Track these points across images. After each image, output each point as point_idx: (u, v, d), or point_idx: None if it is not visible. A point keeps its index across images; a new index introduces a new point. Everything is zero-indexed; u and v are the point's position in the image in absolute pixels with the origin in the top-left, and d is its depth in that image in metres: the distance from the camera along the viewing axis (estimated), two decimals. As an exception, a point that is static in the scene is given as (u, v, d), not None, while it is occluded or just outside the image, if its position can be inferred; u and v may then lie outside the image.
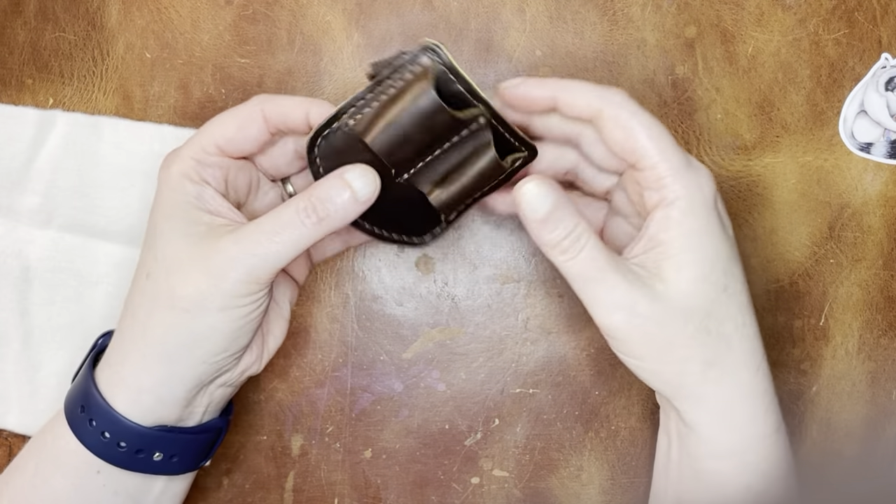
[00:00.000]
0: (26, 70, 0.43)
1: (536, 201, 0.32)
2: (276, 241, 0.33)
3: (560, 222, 0.32)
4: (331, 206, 0.33)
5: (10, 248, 0.42)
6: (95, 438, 0.34)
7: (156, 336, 0.34)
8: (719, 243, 0.33)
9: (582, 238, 0.32)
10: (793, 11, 0.43)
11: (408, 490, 0.43)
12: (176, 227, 0.34)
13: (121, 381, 0.34)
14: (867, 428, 0.43)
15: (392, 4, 0.43)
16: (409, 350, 0.43)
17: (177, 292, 0.33)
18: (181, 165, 0.34)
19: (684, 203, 0.32)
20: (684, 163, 0.33)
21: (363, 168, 0.34)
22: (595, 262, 0.32)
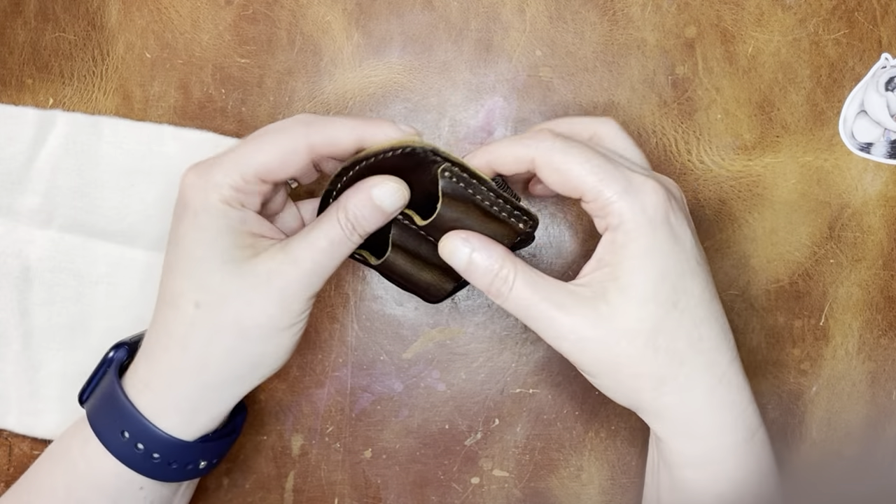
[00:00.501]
0: (26, 70, 0.43)
1: (453, 258, 0.35)
2: (330, 256, 0.34)
3: (483, 268, 0.34)
4: (363, 221, 0.34)
5: (10, 248, 0.42)
6: (144, 461, 0.35)
7: (220, 365, 0.34)
8: (668, 260, 0.33)
9: (509, 278, 0.34)
10: (793, 11, 0.43)
11: (408, 490, 0.43)
12: (220, 254, 0.33)
13: (172, 406, 0.34)
14: (867, 428, 0.43)
15: (392, 4, 0.43)
16: (409, 350, 0.43)
17: (244, 321, 0.33)
18: (221, 193, 0.33)
19: (629, 226, 0.33)
20: (624, 186, 0.33)
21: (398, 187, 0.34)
22: (526, 300, 0.34)
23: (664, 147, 0.43)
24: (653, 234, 0.33)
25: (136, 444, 0.34)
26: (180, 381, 0.34)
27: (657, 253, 0.33)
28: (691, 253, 0.34)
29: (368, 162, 0.34)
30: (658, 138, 0.43)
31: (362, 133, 0.34)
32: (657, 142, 0.43)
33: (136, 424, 0.34)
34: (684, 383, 0.33)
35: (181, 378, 0.34)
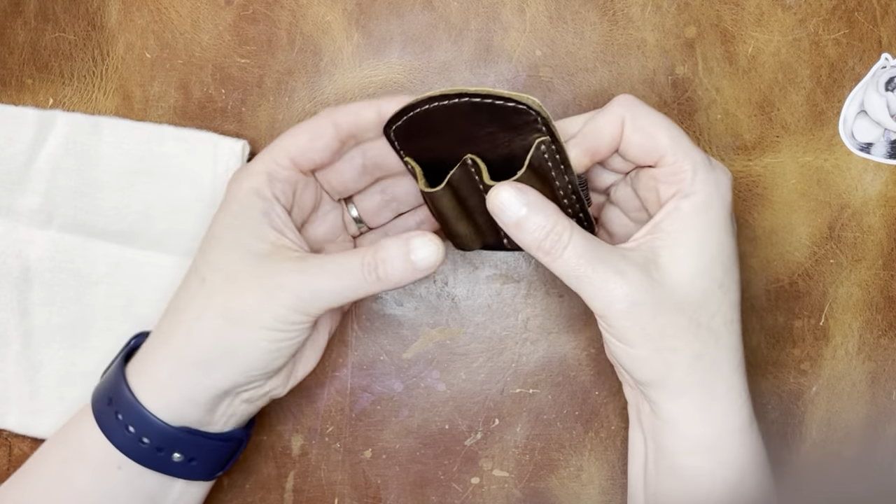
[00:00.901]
0: (26, 70, 0.43)
1: (509, 205, 0.33)
2: (335, 283, 0.34)
3: (536, 224, 0.33)
4: (392, 271, 0.34)
5: (10, 248, 0.42)
6: (119, 432, 0.35)
7: (200, 340, 0.34)
8: (724, 240, 0.34)
9: (563, 236, 0.33)
10: (793, 11, 0.43)
11: (408, 490, 0.43)
12: (240, 239, 0.34)
13: (152, 377, 0.35)
14: (867, 428, 0.43)
15: (392, 4, 0.43)
16: (409, 350, 0.43)
17: (231, 304, 0.34)
18: (252, 181, 0.35)
19: (700, 198, 0.33)
20: (703, 161, 0.33)
21: (429, 239, 0.34)
22: (581, 259, 0.33)
23: (664, 147, 0.43)
24: (719, 213, 0.33)
25: (117, 413, 0.35)
26: (166, 352, 0.35)
27: (718, 230, 0.33)
28: (736, 241, 0.35)
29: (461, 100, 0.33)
30: (658, 138, 0.43)
31: (379, 104, 0.35)
32: (657, 142, 0.43)
33: (119, 392, 0.35)
34: (717, 362, 0.34)
35: (167, 349, 0.35)
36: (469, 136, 0.34)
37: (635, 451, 0.38)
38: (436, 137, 0.35)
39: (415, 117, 0.34)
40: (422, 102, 0.34)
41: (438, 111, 0.33)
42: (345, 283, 0.34)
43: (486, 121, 0.33)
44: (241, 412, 0.37)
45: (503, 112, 0.33)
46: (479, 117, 0.33)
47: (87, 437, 0.35)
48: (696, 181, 0.33)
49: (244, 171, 0.36)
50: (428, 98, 0.33)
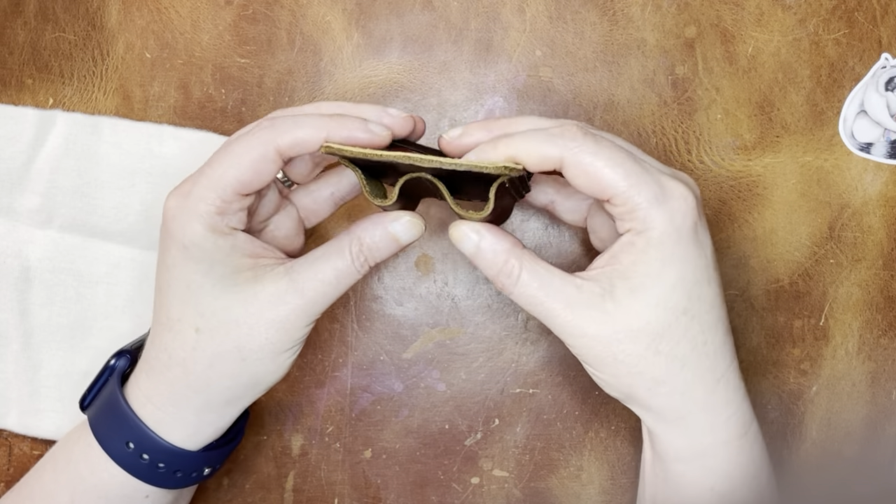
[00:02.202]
0: (26, 70, 0.43)
1: (461, 245, 0.34)
2: (332, 287, 0.34)
3: (489, 261, 0.34)
4: (378, 253, 0.35)
5: (10, 248, 0.42)
6: (150, 471, 0.35)
7: (223, 384, 0.34)
8: (686, 269, 0.32)
9: (513, 273, 0.33)
10: (793, 11, 0.43)
11: (408, 490, 0.43)
12: (219, 281, 0.33)
13: (175, 420, 0.35)
14: (867, 428, 0.43)
15: (392, 4, 0.43)
16: (409, 350, 0.43)
17: (245, 346, 0.34)
18: (206, 222, 0.33)
19: (654, 233, 0.32)
20: (655, 193, 0.32)
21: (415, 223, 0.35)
22: (531, 295, 0.33)
23: (664, 147, 0.43)
24: (676, 244, 0.32)
25: (142, 455, 0.35)
26: (183, 399, 0.35)
27: (677, 261, 0.32)
28: (710, 259, 0.34)
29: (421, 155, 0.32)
30: (658, 138, 0.43)
31: (329, 133, 0.33)
32: (657, 142, 0.43)
33: (141, 436, 0.34)
34: (681, 386, 0.33)
35: (183, 396, 0.35)
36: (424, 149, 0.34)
37: (644, 453, 0.38)
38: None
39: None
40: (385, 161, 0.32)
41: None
42: (342, 282, 0.34)
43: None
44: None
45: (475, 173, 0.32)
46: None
47: (105, 476, 0.35)
48: (649, 217, 0.32)
49: (188, 209, 0.33)
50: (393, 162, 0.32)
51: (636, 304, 0.32)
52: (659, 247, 0.32)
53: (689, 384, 0.34)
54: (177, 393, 0.35)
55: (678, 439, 0.35)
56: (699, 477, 0.35)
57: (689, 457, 0.35)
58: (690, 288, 0.33)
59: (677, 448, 0.35)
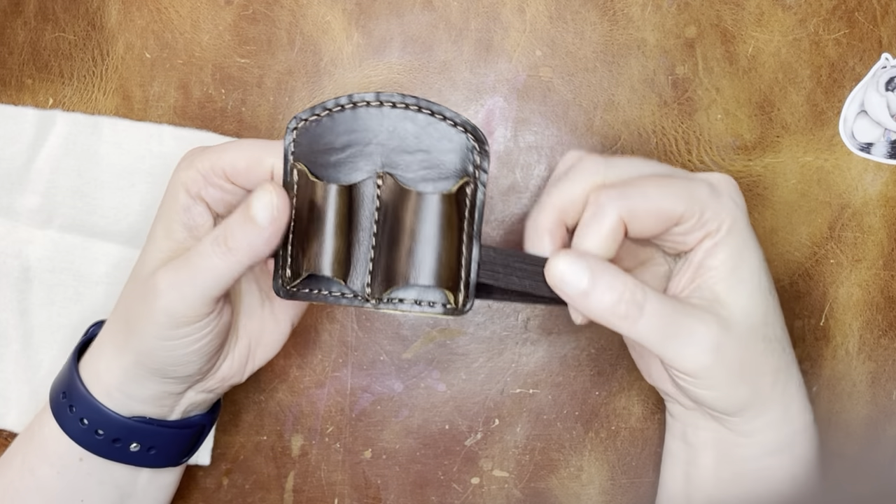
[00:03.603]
0: (26, 70, 0.43)
1: (571, 276, 0.30)
2: (195, 276, 0.32)
3: (606, 288, 0.30)
4: (239, 235, 0.31)
5: (10, 248, 0.42)
6: (75, 425, 0.35)
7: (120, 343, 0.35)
8: (757, 247, 0.33)
9: (637, 295, 0.30)
10: (793, 11, 0.43)
11: (408, 490, 0.43)
12: (159, 234, 0.34)
13: (96, 373, 0.35)
14: (867, 428, 0.43)
15: (392, 4, 0.43)
16: (409, 350, 0.43)
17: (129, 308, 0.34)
18: (186, 174, 0.33)
19: (728, 224, 0.32)
20: (710, 192, 0.31)
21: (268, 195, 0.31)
22: (663, 317, 0.30)
23: (664, 147, 0.43)
24: (745, 229, 0.32)
25: (71, 406, 0.35)
26: (103, 350, 0.35)
27: (750, 242, 0.32)
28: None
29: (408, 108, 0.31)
30: (658, 138, 0.43)
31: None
32: (657, 142, 0.43)
33: (72, 385, 0.35)
34: (787, 369, 0.33)
35: (104, 347, 0.35)
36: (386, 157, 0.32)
37: (674, 462, 0.37)
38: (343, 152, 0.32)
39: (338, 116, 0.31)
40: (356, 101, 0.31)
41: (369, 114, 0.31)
42: (204, 269, 0.32)
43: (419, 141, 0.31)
44: (200, 400, 0.37)
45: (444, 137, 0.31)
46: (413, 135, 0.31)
47: (46, 431, 0.36)
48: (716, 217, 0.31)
49: (188, 159, 0.34)
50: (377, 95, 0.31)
51: (743, 298, 0.32)
52: (735, 235, 0.32)
53: (790, 364, 0.33)
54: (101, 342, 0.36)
55: (778, 432, 0.33)
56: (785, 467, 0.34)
57: (779, 449, 0.34)
58: (763, 265, 0.33)
59: (771, 442, 0.34)
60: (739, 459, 0.35)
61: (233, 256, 0.31)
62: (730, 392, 0.32)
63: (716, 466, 0.35)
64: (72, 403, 0.35)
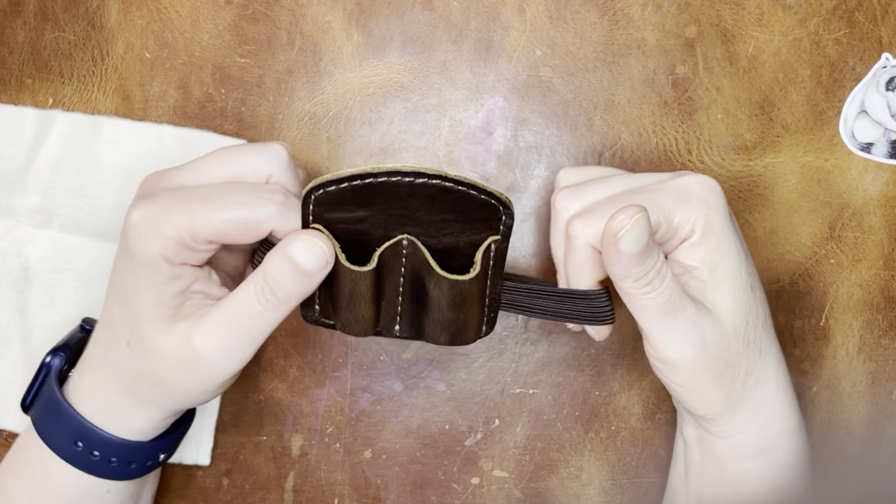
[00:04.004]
0: (26, 70, 0.43)
1: (638, 233, 0.30)
2: (246, 335, 0.32)
3: (652, 255, 0.31)
4: (288, 286, 0.31)
5: (10, 248, 0.42)
6: (103, 466, 0.34)
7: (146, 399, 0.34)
8: (739, 247, 0.33)
9: (663, 270, 0.31)
10: (793, 11, 0.43)
11: (408, 490, 0.43)
12: (148, 307, 0.32)
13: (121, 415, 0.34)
14: (867, 428, 0.43)
15: (392, 4, 0.43)
16: (409, 350, 0.43)
17: (161, 378, 0.33)
18: (164, 247, 0.31)
19: (700, 228, 0.32)
20: (676, 199, 0.32)
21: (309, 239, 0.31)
22: (673, 294, 0.31)
23: (664, 147, 0.43)
24: (723, 229, 0.33)
25: (92, 452, 0.34)
26: (117, 397, 0.34)
27: (731, 242, 0.33)
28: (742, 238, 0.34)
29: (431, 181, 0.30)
30: (658, 138, 0.43)
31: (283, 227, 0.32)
32: (657, 142, 0.43)
33: (86, 433, 0.34)
34: (763, 373, 0.33)
35: (118, 395, 0.34)
36: (410, 218, 0.32)
37: (677, 456, 0.37)
38: (366, 211, 0.32)
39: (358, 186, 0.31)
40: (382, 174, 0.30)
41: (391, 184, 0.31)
42: (256, 326, 0.32)
43: (444, 207, 0.31)
44: None
45: (472, 203, 0.31)
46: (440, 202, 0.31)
47: (57, 476, 0.35)
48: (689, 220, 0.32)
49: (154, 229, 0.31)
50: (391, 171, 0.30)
51: (727, 297, 0.32)
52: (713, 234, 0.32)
53: (767, 368, 0.34)
54: (111, 391, 0.34)
55: (752, 435, 0.34)
56: (763, 471, 0.34)
57: (757, 452, 0.34)
58: (747, 263, 0.33)
59: (749, 445, 0.34)
60: (720, 459, 0.35)
61: (285, 306, 0.32)
62: (702, 392, 0.33)
63: (702, 464, 0.36)
64: (94, 449, 0.34)
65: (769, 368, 0.34)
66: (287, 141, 0.43)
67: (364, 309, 0.33)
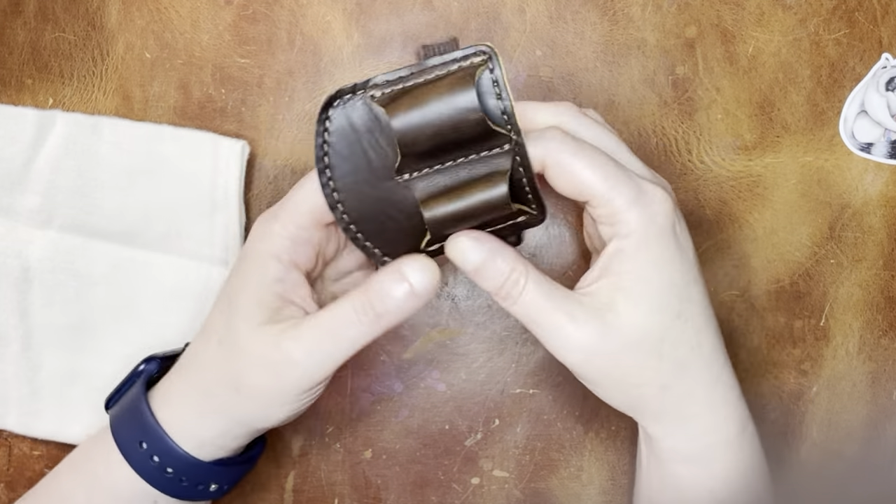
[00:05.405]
0: (26, 70, 0.43)
1: (466, 254, 0.32)
2: (335, 344, 0.33)
3: (493, 272, 0.32)
4: (390, 301, 0.32)
5: (10, 249, 0.42)
6: (158, 474, 0.35)
7: (220, 404, 0.35)
8: (675, 271, 0.33)
9: (520, 282, 0.32)
10: (793, 11, 0.43)
11: (408, 490, 0.43)
12: (247, 306, 0.33)
13: (184, 428, 0.35)
14: (867, 428, 0.43)
15: (392, 4, 0.43)
16: (409, 350, 0.43)
17: (242, 380, 0.34)
18: (272, 245, 0.33)
19: (638, 236, 0.32)
20: (636, 195, 0.32)
21: (422, 261, 0.32)
22: (536, 306, 0.32)
23: (664, 147, 0.43)
24: (662, 245, 0.32)
25: (152, 457, 0.35)
26: (195, 397, 0.35)
27: (665, 263, 0.32)
28: (692, 258, 0.34)
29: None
30: (658, 138, 0.43)
31: None
32: (657, 142, 0.43)
33: (153, 436, 0.35)
34: (684, 389, 0.34)
35: (195, 396, 0.35)
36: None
37: (639, 457, 0.38)
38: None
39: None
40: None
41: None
42: (344, 338, 0.33)
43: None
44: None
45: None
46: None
47: (118, 475, 0.35)
48: (631, 219, 0.32)
49: (266, 230, 0.33)
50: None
51: (637, 313, 0.32)
52: (647, 249, 0.32)
53: (691, 386, 0.34)
54: (190, 393, 0.35)
55: (681, 442, 0.35)
56: (699, 478, 0.35)
57: (690, 458, 0.35)
58: (680, 290, 0.33)
59: (679, 450, 0.35)
60: (661, 460, 0.35)
61: (382, 322, 0.32)
62: (608, 392, 0.34)
63: (649, 464, 0.36)
64: (153, 454, 0.35)
65: (695, 388, 0.34)
66: (287, 141, 0.43)
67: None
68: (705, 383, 0.34)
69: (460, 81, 0.31)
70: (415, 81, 0.32)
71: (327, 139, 0.33)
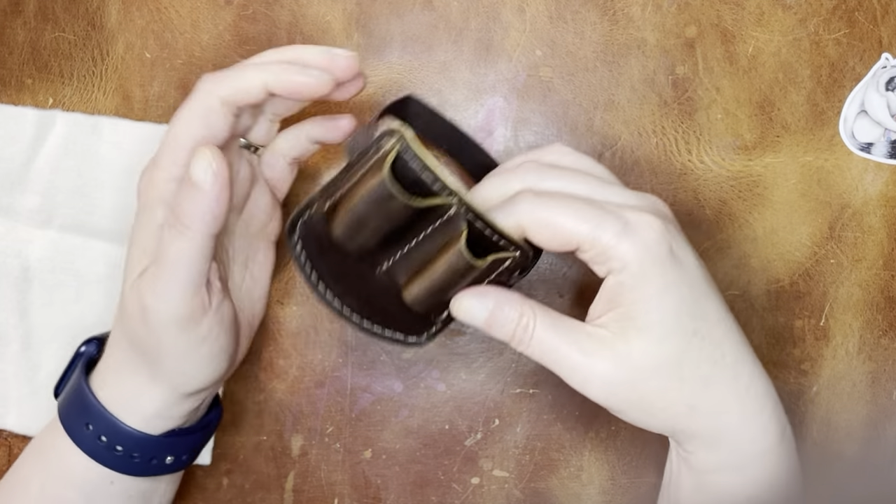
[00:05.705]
0: (26, 70, 0.43)
1: (473, 311, 0.33)
2: (170, 271, 0.32)
3: (503, 321, 0.33)
4: (185, 206, 0.32)
5: (10, 248, 0.42)
6: (108, 454, 0.35)
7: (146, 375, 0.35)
8: (681, 292, 0.32)
9: (529, 326, 0.33)
10: (793, 11, 0.43)
11: (408, 490, 0.43)
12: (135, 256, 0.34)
13: (126, 405, 0.35)
14: (867, 428, 0.43)
15: (392, 4, 0.43)
16: (409, 350, 0.43)
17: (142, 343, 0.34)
18: (157, 191, 0.33)
19: (634, 268, 0.31)
20: (621, 227, 0.31)
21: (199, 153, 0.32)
22: (548, 345, 0.32)
23: (664, 147, 0.43)
24: (661, 271, 0.32)
25: (100, 437, 0.35)
26: (125, 377, 0.35)
27: (669, 288, 0.32)
28: (697, 273, 0.33)
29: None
30: (658, 138, 0.43)
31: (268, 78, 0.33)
32: (657, 142, 0.43)
33: (97, 416, 0.35)
34: (715, 405, 0.33)
35: (125, 375, 0.35)
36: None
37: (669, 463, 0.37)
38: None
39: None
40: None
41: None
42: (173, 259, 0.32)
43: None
44: (209, 394, 0.38)
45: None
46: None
47: (70, 460, 0.35)
48: (622, 253, 0.31)
49: (149, 180, 0.34)
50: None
51: (648, 341, 0.32)
52: (646, 279, 0.31)
53: (720, 401, 0.33)
54: (120, 370, 0.35)
55: (718, 456, 0.34)
56: (738, 486, 0.34)
57: (727, 469, 0.34)
58: (691, 308, 0.32)
59: (716, 461, 0.34)
60: (697, 470, 0.35)
61: (190, 231, 0.32)
62: (637, 417, 0.34)
63: (680, 472, 0.36)
64: (101, 434, 0.35)
65: (724, 401, 0.33)
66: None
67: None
68: (735, 395, 0.33)
69: (372, 172, 0.31)
70: (348, 185, 0.32)
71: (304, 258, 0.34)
